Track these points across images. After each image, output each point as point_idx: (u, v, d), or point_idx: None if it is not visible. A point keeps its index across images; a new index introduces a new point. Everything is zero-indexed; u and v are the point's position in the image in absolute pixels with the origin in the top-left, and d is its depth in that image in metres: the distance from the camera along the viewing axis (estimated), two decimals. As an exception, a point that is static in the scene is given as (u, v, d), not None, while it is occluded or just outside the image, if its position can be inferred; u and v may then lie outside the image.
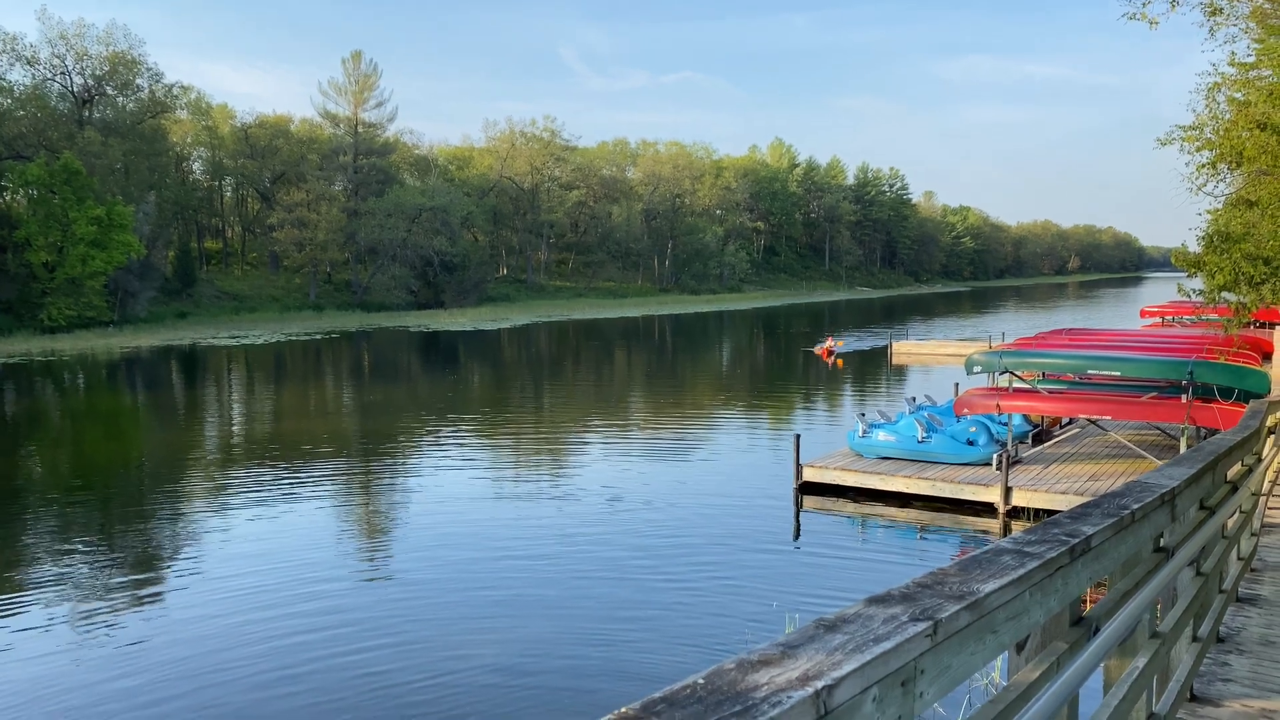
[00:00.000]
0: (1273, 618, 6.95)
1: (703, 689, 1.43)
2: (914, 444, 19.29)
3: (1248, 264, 16.16)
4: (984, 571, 2.27)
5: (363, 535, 16.59)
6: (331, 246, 79.98)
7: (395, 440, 25.67)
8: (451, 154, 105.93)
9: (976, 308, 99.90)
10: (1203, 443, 6.35)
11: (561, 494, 19.08)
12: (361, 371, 44.77)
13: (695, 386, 39.13)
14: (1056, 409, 20.53)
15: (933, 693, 1.86)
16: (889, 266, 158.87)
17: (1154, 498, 3.74)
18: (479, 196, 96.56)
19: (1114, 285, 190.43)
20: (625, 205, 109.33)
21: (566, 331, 67.05)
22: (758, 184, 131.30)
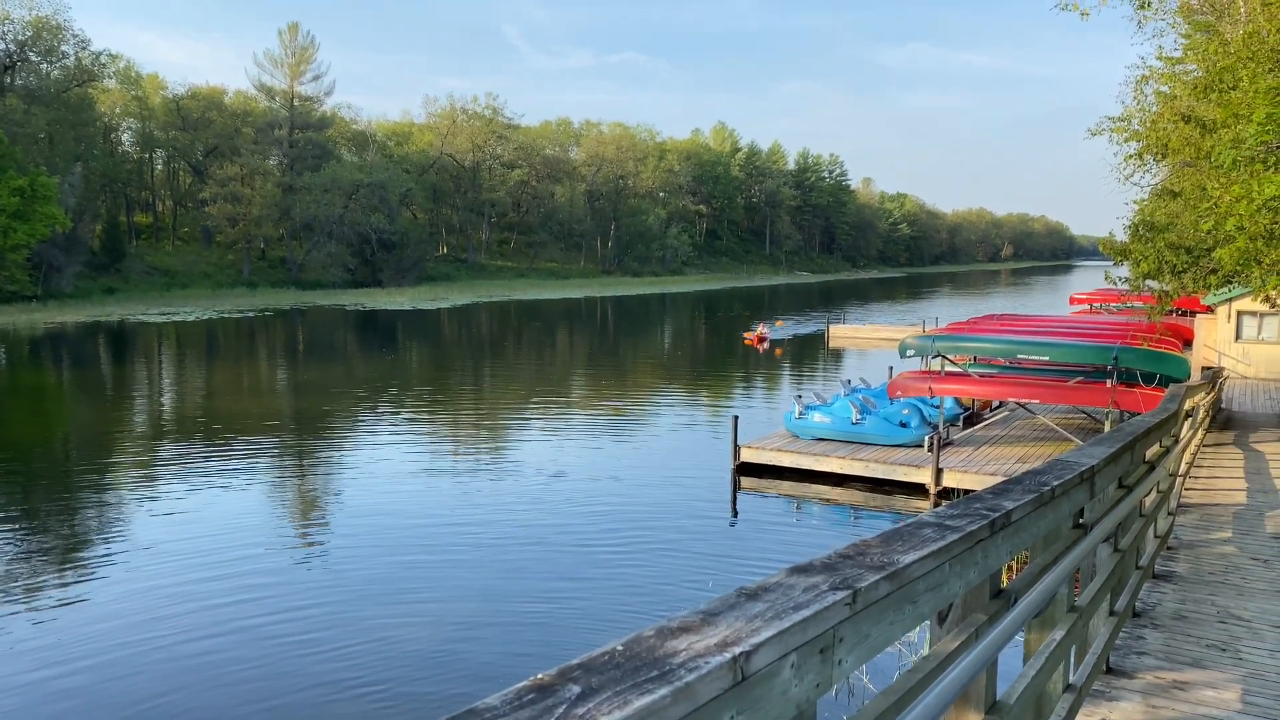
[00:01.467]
0: (1186, 593, 7.21)
1: (621, 655, 1.43)
2: (848, 425, 19.57)
3: (1171, 253, 16.64)
4: (905, 543, 2.31)
5: (295, 515, 16.34)
6: (266, 222, 78.30)
7: (330, 419, 25.30)
8: (391, 130, 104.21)
9: (912, 293, 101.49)
10: (1123, 424, 6.54)
11: (499, 474, 19.00)
12: (296, 350, 43.99)
13: (636, 368, 39.18)
14: (987, 392, 20.99)
15: (852, 660, 1.89)
16: (827, 252, 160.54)
17: (1073, 475, 3.84)
18: (418, 174, 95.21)
19: (1045, 273, 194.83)
20: (568, 185, 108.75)
21: (508, 312, 66.59)
22: (700, 167, 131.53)
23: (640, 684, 1.32)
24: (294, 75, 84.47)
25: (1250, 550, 8.75)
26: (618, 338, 53.51)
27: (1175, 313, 29.95)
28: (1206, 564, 8.16)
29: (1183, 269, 16.64)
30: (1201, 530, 9.56)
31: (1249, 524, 9.96)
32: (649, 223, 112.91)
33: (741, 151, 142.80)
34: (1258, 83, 10.61)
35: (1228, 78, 12.48)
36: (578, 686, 1.29)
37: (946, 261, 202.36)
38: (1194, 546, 8.81)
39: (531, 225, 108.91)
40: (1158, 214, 18.40)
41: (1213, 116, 13.64)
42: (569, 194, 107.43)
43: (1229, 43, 14.57)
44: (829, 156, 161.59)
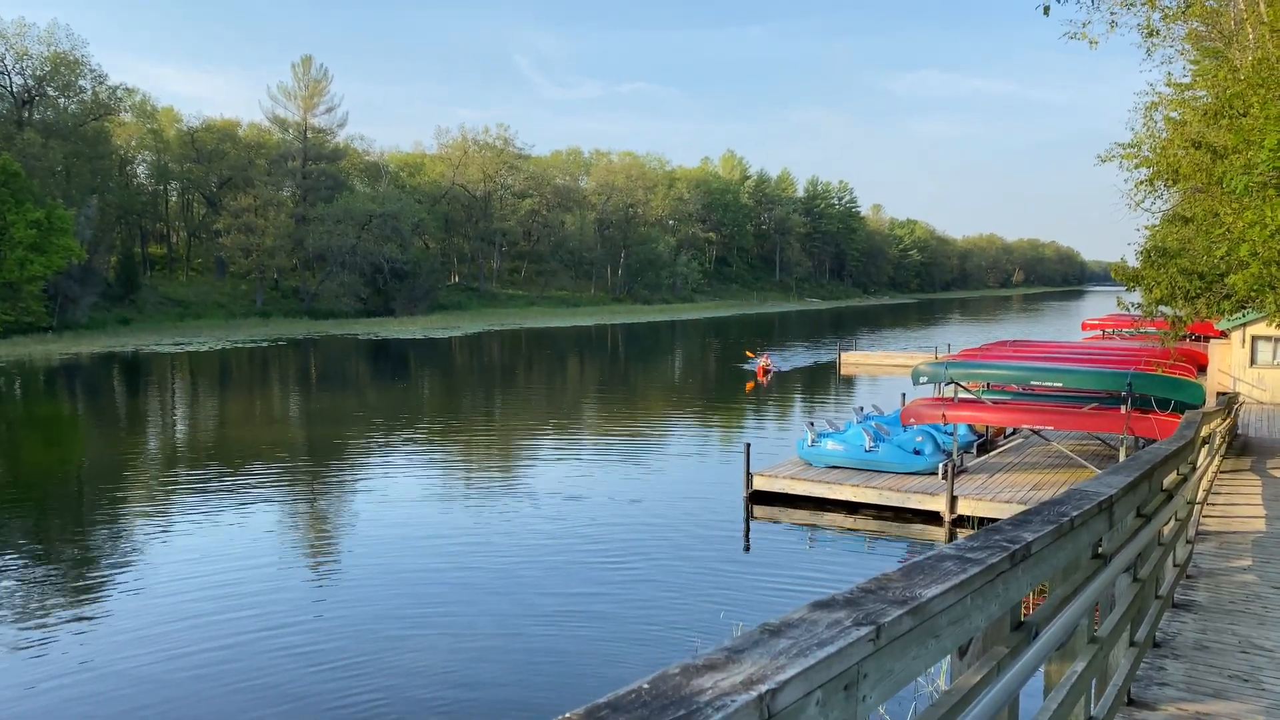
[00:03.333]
0: (1207, 623, 7.13)
1: (648, 693, 1.44)
2: (862, 453, 19.50)
3: (1183, 279, 16.62)
4: (926, 577, 2.30)
5: (310, 543, 16.34)
6: (279, 253, 78.91)
7: (344, 448, 25.35)
8: (403, 160, 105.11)
9: (923, 320, 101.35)
10: (1140, 452, 6.51)
11: (512, 502, 18.98)
12: (309, 379, 44.15)
13: (648, 395, 39.17)
14: (1001, 419, 20.89)
15: (875, 696, 1.88)
16: (838, 278, 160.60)
17: (1092, 505, 3.83)
18: (430, 204, 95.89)
19: (1057, 299, 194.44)
20: (578, 214, 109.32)
21: (519, 340, 66.77)
22: (710, 195, 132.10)
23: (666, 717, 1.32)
24: (307, 107, 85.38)
25: (1271, 578, 8.66)
26: (629, 365, 53.54)
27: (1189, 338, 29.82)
28: (1226, 592, 8.07)
29: (1196, 294, 16.61)
30: (1221, 558, 9.46)
31: (1269, 551, 9.86)
32: (659, 250, 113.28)
33: (751, 179, 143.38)
34: (1268, 109, 10.63)
35: (1238, 104, 12.50)
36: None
37: (958, 287, 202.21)
38: (1214, 575, 8.72)
39: (542, 254, 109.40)
40: (1169, 240, 18.39)
41: (1223, 142, 13.66)
42: (579, 222, 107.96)
43: (1238, 69, 14.61)
44: (838, 183, 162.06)
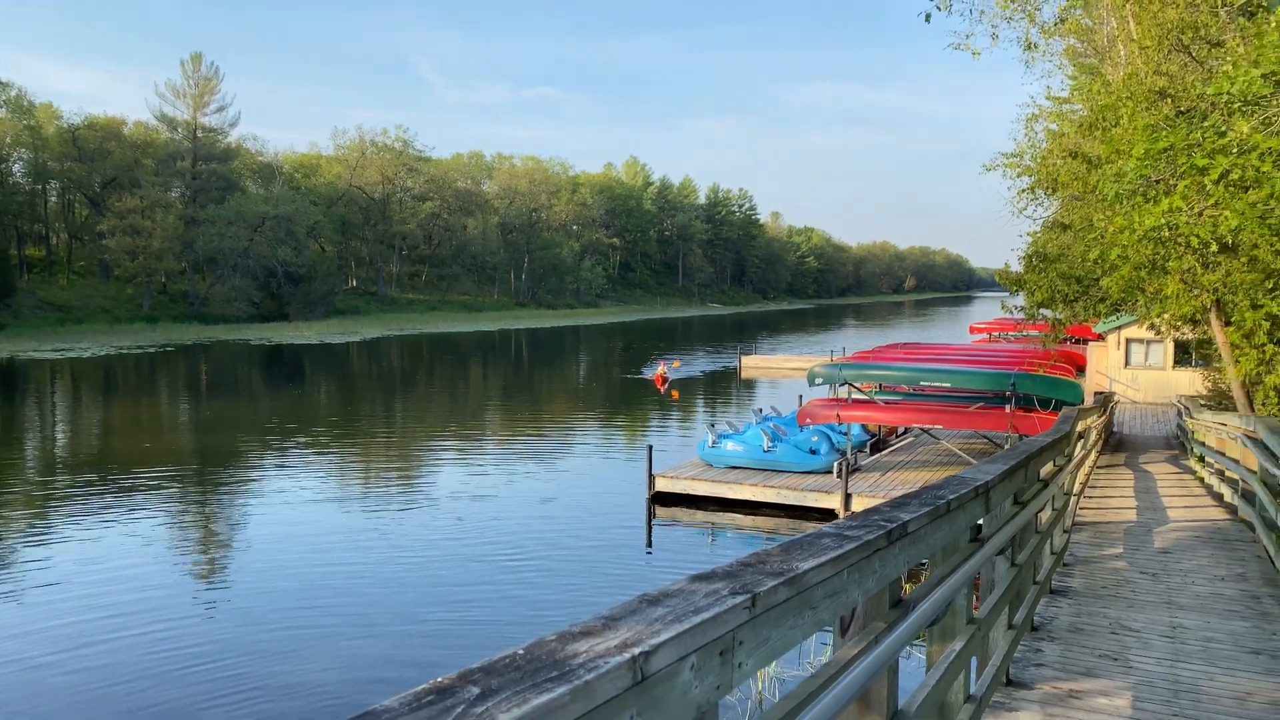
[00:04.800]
0: (1081, 607, 7.49)
1: (522, 658, 1.45)
2: (760, 453, 19.82)
3: (1062, 283, 17.41)
4: (804, 552, 2.38)
5: (201, 551, 15.77)
6: (167, 255, 75.88)
7: (237, 456, 24.55)
8: (298, 162, 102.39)
9: (820, 325, 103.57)
10: (1018, 444, 6.80)
11: (410, 506, 18.68)
12: (199, 386, 42.63)
13: (551, 401, 39.04)
14: (892, 419, 21.51)
15: (752, 663, 1.93)
16: (739, 284, 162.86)
17: (969, 490, 3.99)
18: (327, 206, 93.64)
19: (947, 304, 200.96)
20: (481, 218, 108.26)
21: (419, 345, 65.73)
22: (614, 201, 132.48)
23: (540, 684, 1.34)
24: (197, 106, 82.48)
25: (1139, 565, 9.14)
26: (532, 370, 53.26)
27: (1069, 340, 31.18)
28: (1100, 579, 8.49)
29: (1074, 298, 17.41)
30: (1095, 547, 9.94)
31: (1139, 540, 10.40)
32: (562, 255, 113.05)
33: (654, 185, 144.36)
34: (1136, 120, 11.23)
35: (1109, 116, 13.18)
36: (477, 688, 1.31)
37: (853, 293, 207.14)
38: (1088, 562, 9.16)
39: (443, 258, 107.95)
40: (1050, 245, 19.23)
41: (1097, 152, 14.37)
42: (481, 226, 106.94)
43: (1110, 83, 15.40)
44: (739, 191, 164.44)
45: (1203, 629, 6.95)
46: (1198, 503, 13.39)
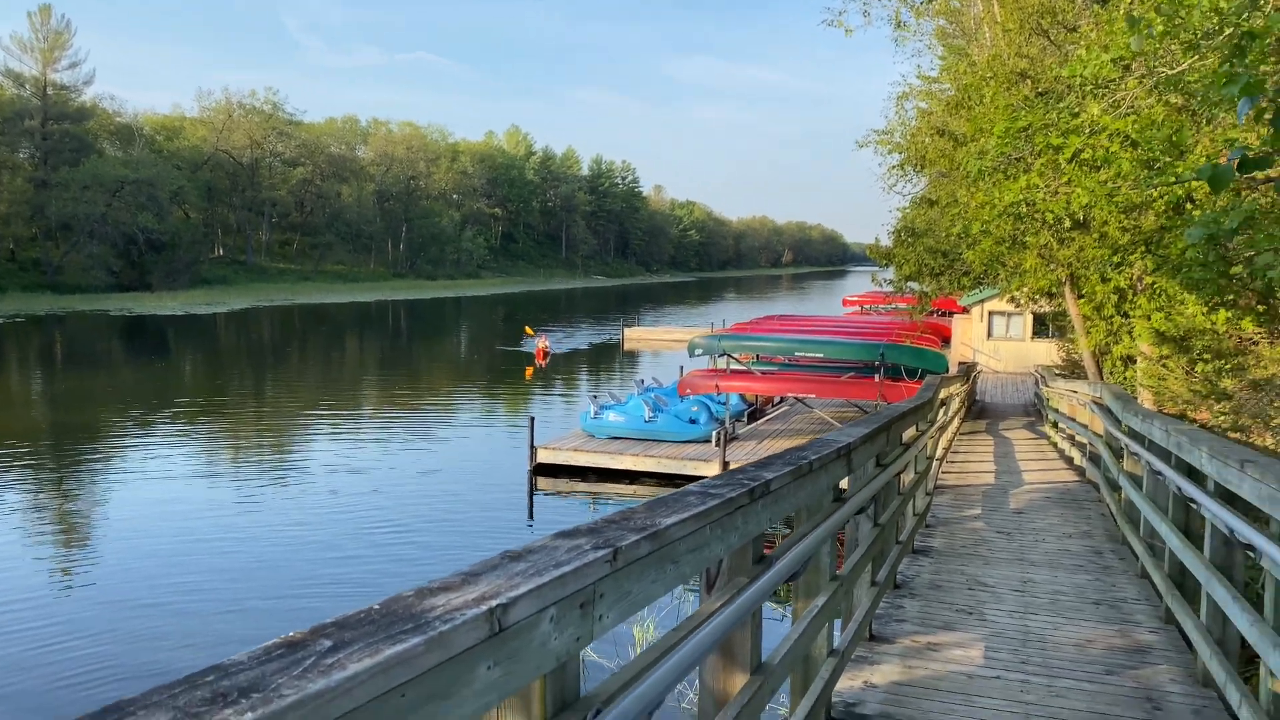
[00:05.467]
0: (941, 565, 7.87)
1: (377, 613, 1.45)
2: (641, 423, 20.02)
3: (929, 257, 18.09)
4: (668, 509, 2.43)
5: (56, 535, 14.97)
6: (15, 221, 71.10)
7: (95, 433, 23.34)
8: (160, 124, 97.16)
9: (702, 297, 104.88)
10: (882, 409, 7.08)
11: (283, 483, 18.17)
12: (53, 359, 40.29)
13: (431, 373, 38.43)
14: (768, 388, 22.04)
15: (613, 616, 1.98)
16: (622, 256, 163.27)
17: (831, 451, 4.14)
18: (191, 170, 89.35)
19: (822, 278, 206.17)
20: (356, 185, 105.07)
21: (291, 317, 63.63)
22: (495, 170, 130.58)
23: (394, 635, 1.35)
24: (47, 61, 77.23)
25: (996, 525, 9.65)
26: (411, 342, 52.26)
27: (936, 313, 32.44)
28: (959, 538, 8.93)
29: (939, 271, 18.11)
30: (956, 508, 10.45)
31: (995, 501, 10.98)
32: (442, 225, 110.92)
33: (536, 155, 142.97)
34: (997, 100, 11.74)
35: (974, 95, 13.72)
36: (329, 640, 1.31)
37: (733, 267, 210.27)
38: (949, 523, 9.62)
39: (317, 226, 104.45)
40: (917, 221, 19.95)
41: (962, 130, 14.95)
42: (356, 194, 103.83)
43: (976, 64, 16.01)
44: (622, 163, 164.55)
45: (1050, 583, 7.40)
46: (1051, 466, 14.21)
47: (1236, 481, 4.35)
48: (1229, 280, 9.94)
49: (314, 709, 1.12)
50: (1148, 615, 6.58)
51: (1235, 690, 4.27)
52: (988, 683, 5.16)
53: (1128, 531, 7.97)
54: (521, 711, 1.75)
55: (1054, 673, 5.36)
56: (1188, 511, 5.83)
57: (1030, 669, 5.40)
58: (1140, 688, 5.19)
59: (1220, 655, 4.68)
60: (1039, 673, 5.34)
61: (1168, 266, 10.31)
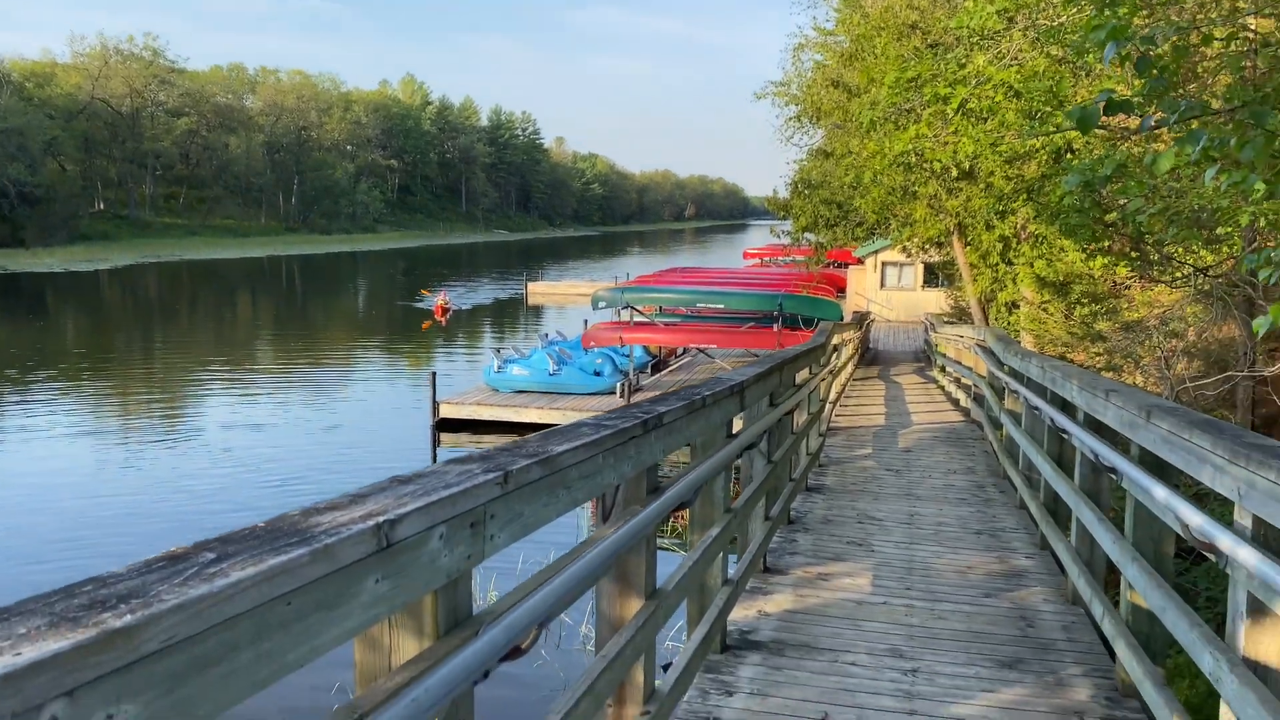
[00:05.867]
0: (833, 501, 8.16)
1: (263, 529, 1.47)
2: (546, 377, 20.02)
3: (825, 208, 18.43)
4: (562, 438, 2.49)
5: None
6: None
7: (-36, 396, 22.17)
8: (29, 70, 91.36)
9: (606, 251, 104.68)
10: (777, 352, 7.26)
11: (173, 442, 17.63)
12: (-84, 320, 37.98)
13: (329, 330, 37.57)
14: (671, 339, 22.26)
15: (505, 537, 2.03)
16: (524, 210, 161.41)
17: (724, 388, 4.25)
18: (65, 120, 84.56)
19: (724, 231, 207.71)
20: (244, 136, 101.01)
21: (180, 273, 61.22)
22: (390, 120, 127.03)
23: (279, 548, 1.37)
24: (-105, -2, 71.77)
25: (885, 463, 10.03)
26: (307, 299, 50.89)
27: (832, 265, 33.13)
28: (850, 476, 9.26)
29: (834, 222, 18.48)
30: (848, 449, 10.81)
31: (886, 441, 11.39)
32: (336, 177, 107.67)
33: (433, 105, 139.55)
34: (888, 51, 11.97)
35: (867, 46, 13.95)
36: (213, 553, 1.32)
37: (637, 221, 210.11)
38: (841, 462, 9.95)
39: (204, 179, 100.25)
40: (813, 172, 20.26)
41: (856, 82, 15.20)
42: (245, 145, 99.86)
43: (869, 15, 16.25)
44: (523, 114, 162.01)
45: (936, 515, 7.75)
46: (938, 408, 14.77)
47: (1102, 409, 4.63)
48: (1104, 226, 10.43)
49: (195, 613, 1.14)
50: (1024, 543, 6.97)
51: (1099, 605, 4.58)
52: (875, 608, 5.41)
53: (1008, 466, 8.38)
54: (414, 626, 1.79)
55: (936, 597, 5.64)
56: (1061, 443, 6.17)
57: (914, 594, 5.68)
58: (1015, 608, 5.52)
59: (1087, 575, 5.01)
60: (922, 598, 5.62)
61: (1047, 213, 10.74)
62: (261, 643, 1.27)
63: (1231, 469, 2.78)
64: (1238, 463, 2.73)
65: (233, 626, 1.21)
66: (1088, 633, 5.11)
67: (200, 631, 1.15)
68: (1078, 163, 10.24)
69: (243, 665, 1.23)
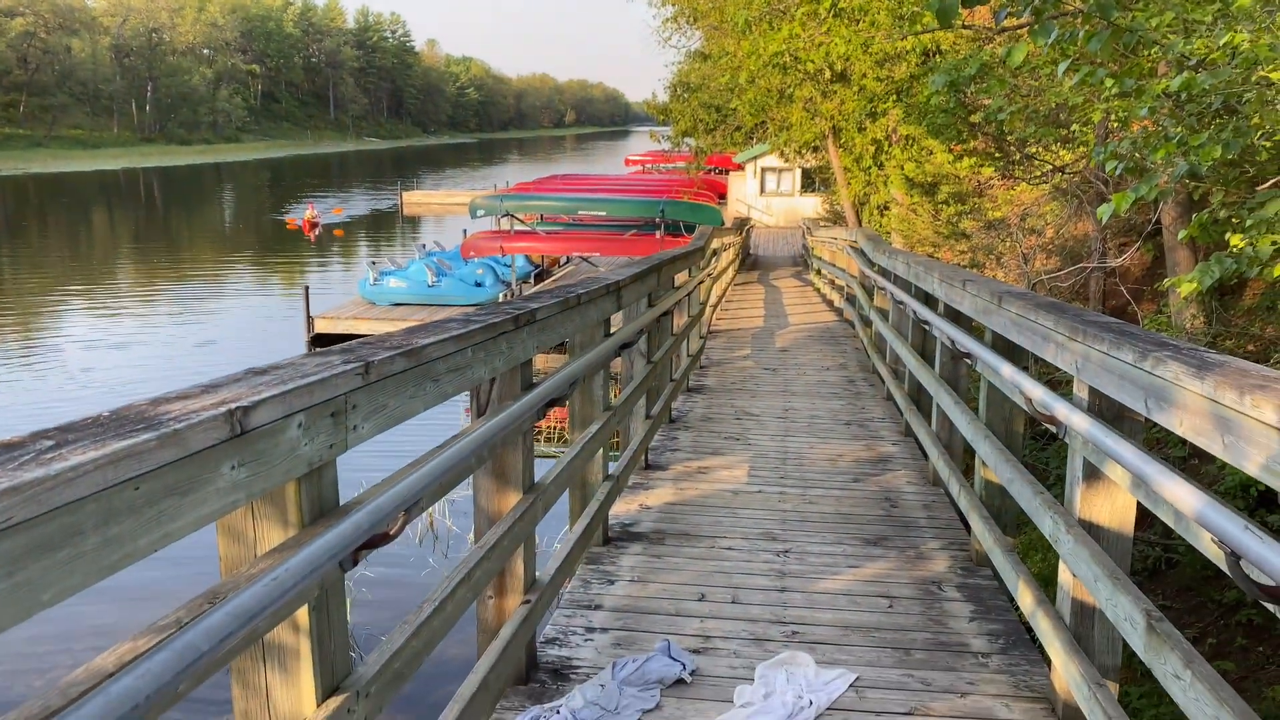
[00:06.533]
0: (713, 400, 8.35)
1: (107, 418, 1.42)
2: (425, 289, 19.65)
3: (703, 111, 18.38)
4: (428, 332, 2.46)
5: None
6: None
7: None
8: None
9: (484, 159, 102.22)
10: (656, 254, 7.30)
11: (30, 367, 16.70)
12: None
13: (194, 246, 35.85)
14: (554, 248, 22.05)
15: (369, 427, 2.02)
16: (396, 117, 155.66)
17: (600, 287, 4.27)
18: (-122, 19, 76.76)
19: (606, 138, 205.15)
20: (88, 39, 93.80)
21: (25, 189, 57.09)
22: (249, 22, 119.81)
23: (124, 433, 1.33)
24: None
25: (763, 362, 10.29)
26: (169, 214, 48.25)
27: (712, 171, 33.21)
28: (730, 376, 9.48)
29: (713, 126, 18.48)
30: (727, 350, 11.03)
31: (763, 342, 11.67)
32: (194, 83, 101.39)
33: (295, 6, 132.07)
34: (762, -51, 11.86)
35: (741, -55, 13.76)
36: (51, 441, 1.28)
37: (515, 127, 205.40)
38: (721, 364, 10.17)
39: (46, 85, 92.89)
40: (692, 76, 20.13)
41: (731, -18, 15.04)
42: (90, 49, 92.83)
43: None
44: (391, 15, 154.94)
45: (809, 409, 8.03)
46: (814, 309, 15.16)
47: (959, 299, 4.84)
48: (969, 127, 10.73)
49: (31, 495, 1.11)
50: (891, 431, 7.31)
51: (956, 483, 4.86)
52: (751, 496, 5.62)
53: (876, 361, 8.72)
54: (278, 516, 1.78)
55: (809, 484, 5.89)
56: (924, 335, 6.44)
57: (788, 482, 5.91)
58: (881, 490, 5.81)
59: (946, 456, 5.30)
60: (795, 485, 5.86)
61: (915, 114, 10.98)
62: (109, 528, 1.25)
63: (1071, 345, 2.97)
64: (1076, 339, 2.91)
65: (75, 511, 1.18)
66: (947, 511, 5.44)
67: (37, 515, 1.12)
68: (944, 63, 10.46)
69: (89, 550, 1.21)
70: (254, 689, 1.82)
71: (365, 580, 8.01)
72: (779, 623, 3.92)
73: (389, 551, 6.76)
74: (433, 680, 6.02)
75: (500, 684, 3.01)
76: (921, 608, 4.11)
